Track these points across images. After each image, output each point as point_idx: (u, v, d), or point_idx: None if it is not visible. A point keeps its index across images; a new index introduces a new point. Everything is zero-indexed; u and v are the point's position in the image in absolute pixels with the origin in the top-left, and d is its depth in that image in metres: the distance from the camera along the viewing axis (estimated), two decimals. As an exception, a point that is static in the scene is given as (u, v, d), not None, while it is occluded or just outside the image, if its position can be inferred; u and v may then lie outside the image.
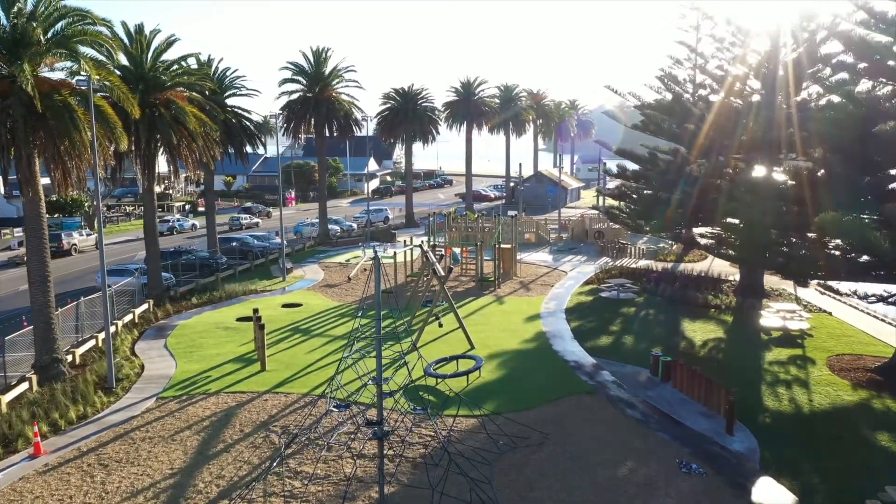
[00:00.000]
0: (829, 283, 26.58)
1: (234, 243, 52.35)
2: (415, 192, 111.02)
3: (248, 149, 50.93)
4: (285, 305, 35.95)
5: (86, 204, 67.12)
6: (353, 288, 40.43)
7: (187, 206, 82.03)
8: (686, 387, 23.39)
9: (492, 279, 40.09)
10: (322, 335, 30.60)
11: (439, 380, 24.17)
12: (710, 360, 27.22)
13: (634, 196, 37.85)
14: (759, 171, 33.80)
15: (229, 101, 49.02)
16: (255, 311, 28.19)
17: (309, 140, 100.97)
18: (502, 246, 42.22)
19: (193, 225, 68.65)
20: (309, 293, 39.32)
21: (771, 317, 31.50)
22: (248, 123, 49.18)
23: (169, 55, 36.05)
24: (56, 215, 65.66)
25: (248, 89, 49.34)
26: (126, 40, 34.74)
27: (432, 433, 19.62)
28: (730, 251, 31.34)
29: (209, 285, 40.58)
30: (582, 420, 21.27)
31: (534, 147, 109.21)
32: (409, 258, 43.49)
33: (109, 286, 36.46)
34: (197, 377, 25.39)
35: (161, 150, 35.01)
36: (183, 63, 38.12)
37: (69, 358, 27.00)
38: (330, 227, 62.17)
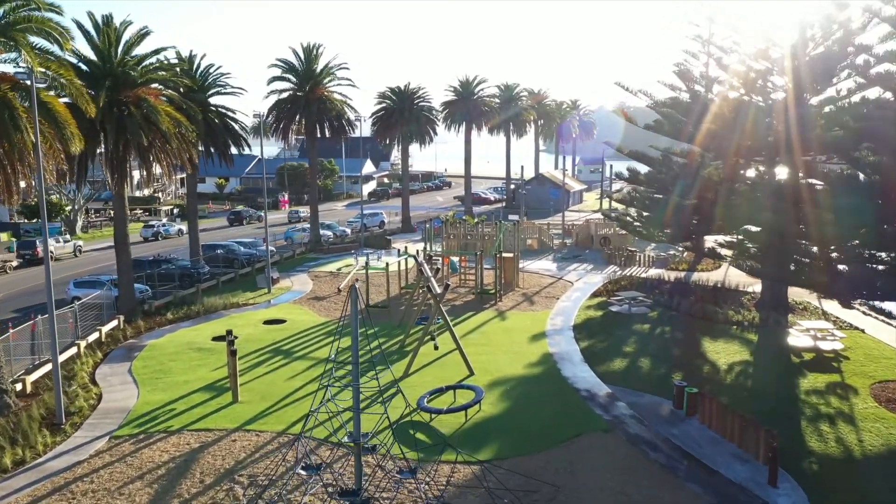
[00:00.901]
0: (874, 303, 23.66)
1: (219, 251, 49.38)
2: (412, 194, 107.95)
3: (234, 150, 48.01)
4: (267, 322, 32.97)
5: (66, 208, 64.15)
6: (342, 301, 37.43)
7: (175, 210, 79.01)
8: (716, 424, 20.44)
9: (492, 291, 37.13)
10: (305, 357, 27.63)
11: (434, 415, 21.23)
12: (737, 387, 24.28)
13: (647, 202, 34.89)
14: (787, 175, 30.98)
15: (213, 101, 46.10)
16: (229, 332, 25.18)
17: (305, 141, 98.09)
18: (504, 255, 39.30)
19: (180, 230, 65.61)
20: (295, 307, 36.34)
21: (800, 336, 28.62)
22: (232, 123, 46.20)
23: (142, 49, 33.14)
24: (35, 220, 62.72)
25: (232, 87, 46.43)
26: (93, 32, 31.83)
27: (423, 488, 16.67)
28: (758, 265, 28.40)
29: (188, 298, 37.59)
30: (599, 466, 18.31)
31: (535, 148, 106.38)
32: (403, 267, 40.51)
33: (78, 300, 33.73)
34: (160, 410, 22.41)
35: (132, 152, 31.99)
36: (160, 58, 35.16)
37: (18, 386, 24.01)
38: (322, 232, 59.25)
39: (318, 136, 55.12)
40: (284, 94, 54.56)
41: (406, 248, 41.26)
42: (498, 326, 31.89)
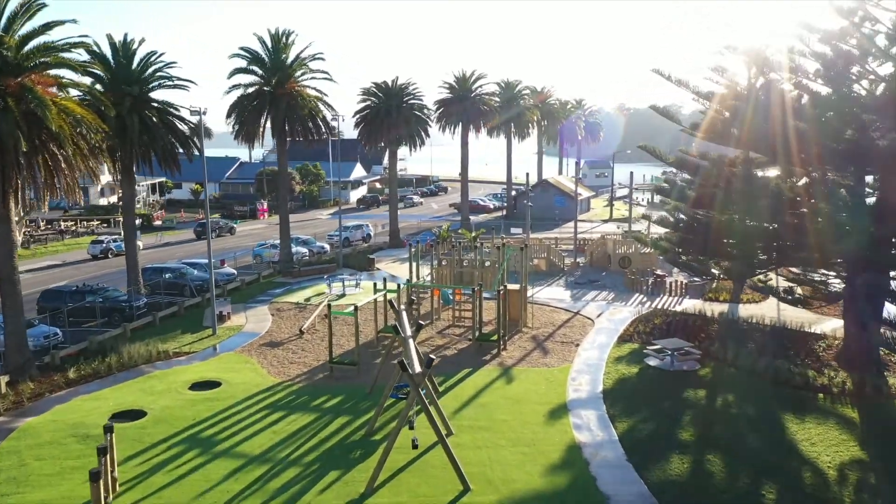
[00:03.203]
0: None
1: (166, 275, 41.28)
2: (403, 201, 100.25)
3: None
4: (195, 386, 24.81)
5: None
6: (303, 349, 29.34)
7: (138, 221, 70.49)
8: None
9: (494, 338, 29.00)
10: (230, 453, 19.48)
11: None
12: (866, 517, 16.25)
13: (695, 224, 26.86)
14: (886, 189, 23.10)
15: (156, 95, 38.05)
16: (107, 429, 17.06)
17: (290, 143, 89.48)
18: (509, 287, 31.25)
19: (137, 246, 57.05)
20: (240, 358, 28.22)
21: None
22: (177, 122, 38.05)
23: (33, 25, 25.04)
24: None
25: (178, 80, 38.21)
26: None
27: None
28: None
29: (108, 344, 29.53)
30: None
31: (538, 151, 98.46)
32: (381, 298, 32.25)
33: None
34: (-24, 569, 14.36)
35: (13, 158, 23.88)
36: (72, 39, 27.07)
37: None
38: (298, 249, 51.20)
39: (289, 137, 47.10)
40: (250, 90, 46.41)
41: (385, 280, 33.10)
42: (502, 394, 23.74)
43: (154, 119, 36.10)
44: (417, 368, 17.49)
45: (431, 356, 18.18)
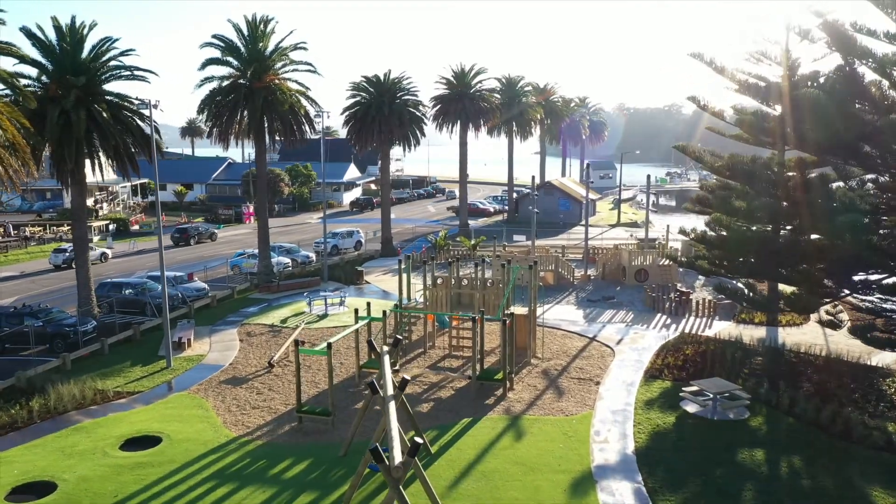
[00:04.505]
0: None
1: (127, 291, 36.52)
2: (401, 203, 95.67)
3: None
4: (128, 444, 20.02)
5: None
6: (270, 388, 24.58)
7: (112, 226, 65.71)
8: None
9: (499, 375, 24.17)
10: (153, 552, 14.74)
11: None
12: None
13: (745, 241, 22.06)
14: None
15: (111, 87, 33.32)
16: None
17: (283, 143, 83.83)
18: (515, 312, 26.53)
19: (104, 255, 52.39)
20: (192, 401, 23.43)
21: None
22: (135, 118, 33.24)
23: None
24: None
25: (137, 69, 33.39)
26: None
27: None
28: None
29: (39, 380, 24.77)
30: None
31: (541, 151, 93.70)
32: (362, 324, 27.50)
33: None
34: None
35: None
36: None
37: None
38: (280, 259, 46.42)
39: (268, 136, 42.35)
40: (224, 83, 41.60)
41: (369, 306, 28.34)
42: (511, 457, 18.96)
43: (105, 114, 31.24)
44: (398, 458, 12.58)
45: (418, 440, 13.14)
